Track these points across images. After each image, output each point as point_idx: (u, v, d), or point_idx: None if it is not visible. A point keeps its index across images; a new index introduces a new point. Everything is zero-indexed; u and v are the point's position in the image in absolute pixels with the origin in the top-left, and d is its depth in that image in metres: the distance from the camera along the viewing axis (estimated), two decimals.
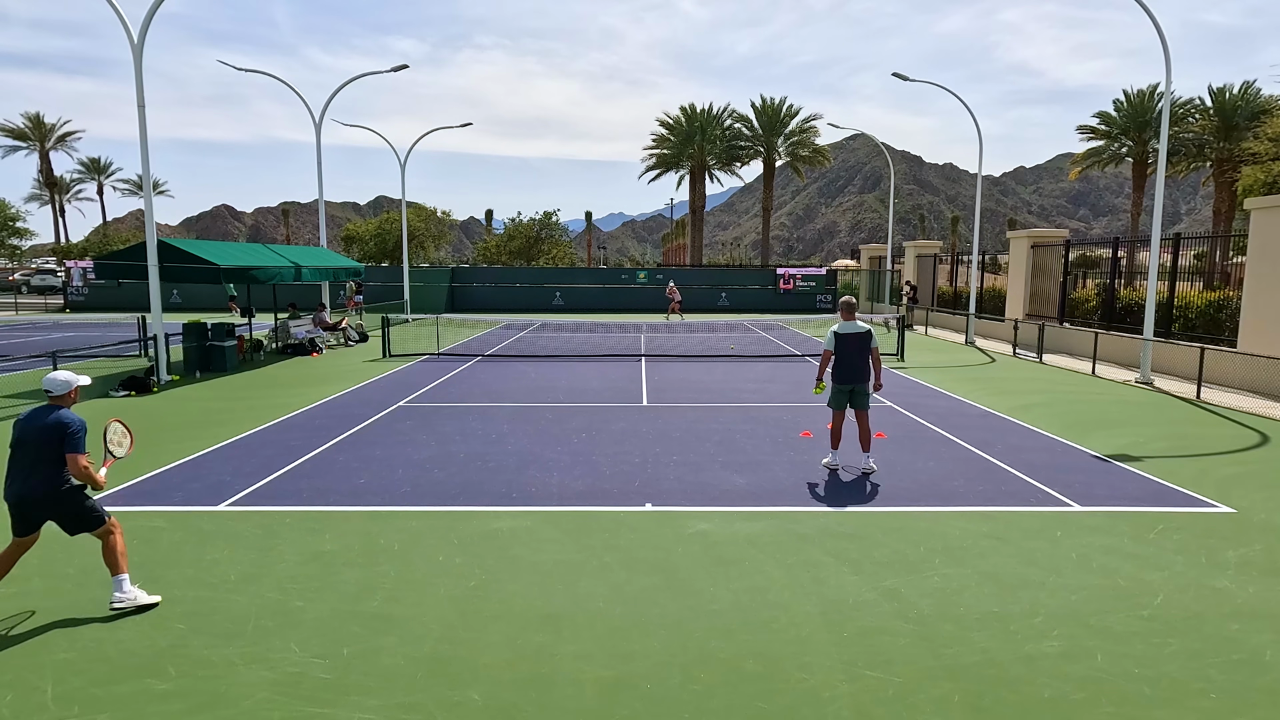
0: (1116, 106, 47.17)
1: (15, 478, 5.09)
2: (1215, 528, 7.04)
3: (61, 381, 5.21)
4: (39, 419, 5.09)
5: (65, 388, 5.22)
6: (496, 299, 39.92)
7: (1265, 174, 27.63)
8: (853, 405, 8.81)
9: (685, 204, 58.52)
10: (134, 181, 73.12)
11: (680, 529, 6.91)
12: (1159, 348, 16.71)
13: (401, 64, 25.87)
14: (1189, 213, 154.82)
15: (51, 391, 5.21)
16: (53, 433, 5.03)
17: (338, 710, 4.12)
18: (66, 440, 5.03)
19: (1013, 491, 8.11)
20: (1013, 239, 25.39)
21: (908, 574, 5.93)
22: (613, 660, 4.65)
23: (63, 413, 5.12)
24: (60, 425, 5.05)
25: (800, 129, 52.62)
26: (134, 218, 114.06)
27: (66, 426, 5.05)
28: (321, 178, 25.47)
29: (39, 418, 5.10)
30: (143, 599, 5.28)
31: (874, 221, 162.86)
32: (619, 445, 10.02)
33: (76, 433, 5.06)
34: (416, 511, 7.38)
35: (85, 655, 4.68)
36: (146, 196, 14.87)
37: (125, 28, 14.36)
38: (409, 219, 42.29)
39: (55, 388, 5.21)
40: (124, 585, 5.24)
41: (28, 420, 5.12)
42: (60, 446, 5.03)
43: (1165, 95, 15.89)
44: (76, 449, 5.04)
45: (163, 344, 15.06)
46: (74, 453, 5.03)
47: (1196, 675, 4.50)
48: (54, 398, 5.21)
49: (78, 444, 5.05)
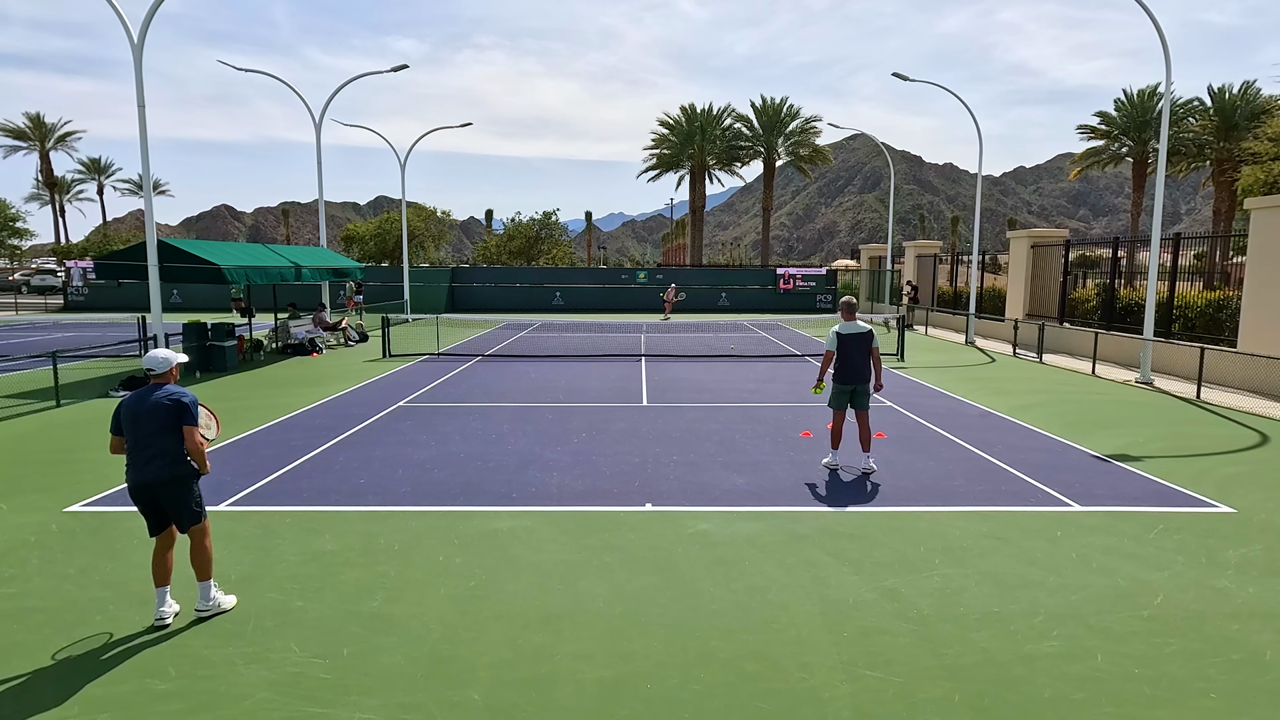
0: (1116, 106, 47.18)
1: (134, 464, 5.02)
2: (1215, 528, 7.04)
3: (162, 359, 5.16)
4: (148, 399, 5.00)
5: (167, 365, 5.16)
6: (496, 299, 39.91)
7: (1265, 174, 27.61)
8: (853, 405, 8.81)
9: (685, 204, 58.53)
10: (134, 181, 73.14)
11: (680, 529, 6.91)
12: (1159, 348, 16.71)
13: (401, 64, 25.88)
14: (1189, 213, 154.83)
15: (154, 370, 5.14)
16: (167, 409, 4.96)
17: (338, 710, 4.12)
18: (183, 413, 4.98)
19: (1013, 491, 8.11)
20: (1013, 239, 25.39)
21: (908, 574, 5.93)
22: (613, 660, 4.65)
23: (169, 387, 5.07)
24: (172, 399, 4.99)
25: (800, 129, 52.62)
26: (134, 218, 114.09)
27: (179, 399, 5.00)
28: (321, 178, 25.46)
29: (147, 397, 5.01)
30: (226, 604, 5.25)
31: (874, 221, 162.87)
32: (619, 445, 10.01)
33: (190, 405, 5.02)
34: (416, 511, 7.37)
35: (85, 655, 4.68)
36: (146, 196, 14.87)
37: (125, 28, 14.36)
38: (409, 219, 42.31)
39: (157, 365, 5.14)
40: (211, 592, 5.18)
41: (136, 403, 5.02)
42: (175, 421, 4.97)
43: (1165, 95, 15.89)
44: (193, 421, 5.00)
45: (163, 344, 15.06)
46: (191, 424, 4.99)
47: (1196, 675, 4.50)
48: (156, 376, 5.14)
49: (193, 416, 5.01)
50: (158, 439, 4.98)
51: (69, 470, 8.78)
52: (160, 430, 4.97)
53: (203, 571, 5.17)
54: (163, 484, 5.01)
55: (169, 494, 5.05)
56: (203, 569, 5.17)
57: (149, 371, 5.16)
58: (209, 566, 5.19)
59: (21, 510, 7.39)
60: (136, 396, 5.06)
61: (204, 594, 5.17)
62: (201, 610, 5.13)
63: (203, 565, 5.17)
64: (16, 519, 7.14)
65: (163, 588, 5.12)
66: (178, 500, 5.08)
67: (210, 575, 5.19)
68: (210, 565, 5.20)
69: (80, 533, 6.77)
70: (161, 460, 4.98)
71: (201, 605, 5.14)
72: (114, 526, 6.92)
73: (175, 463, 5.01)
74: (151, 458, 4.98)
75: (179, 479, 5.04)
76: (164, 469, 4.99)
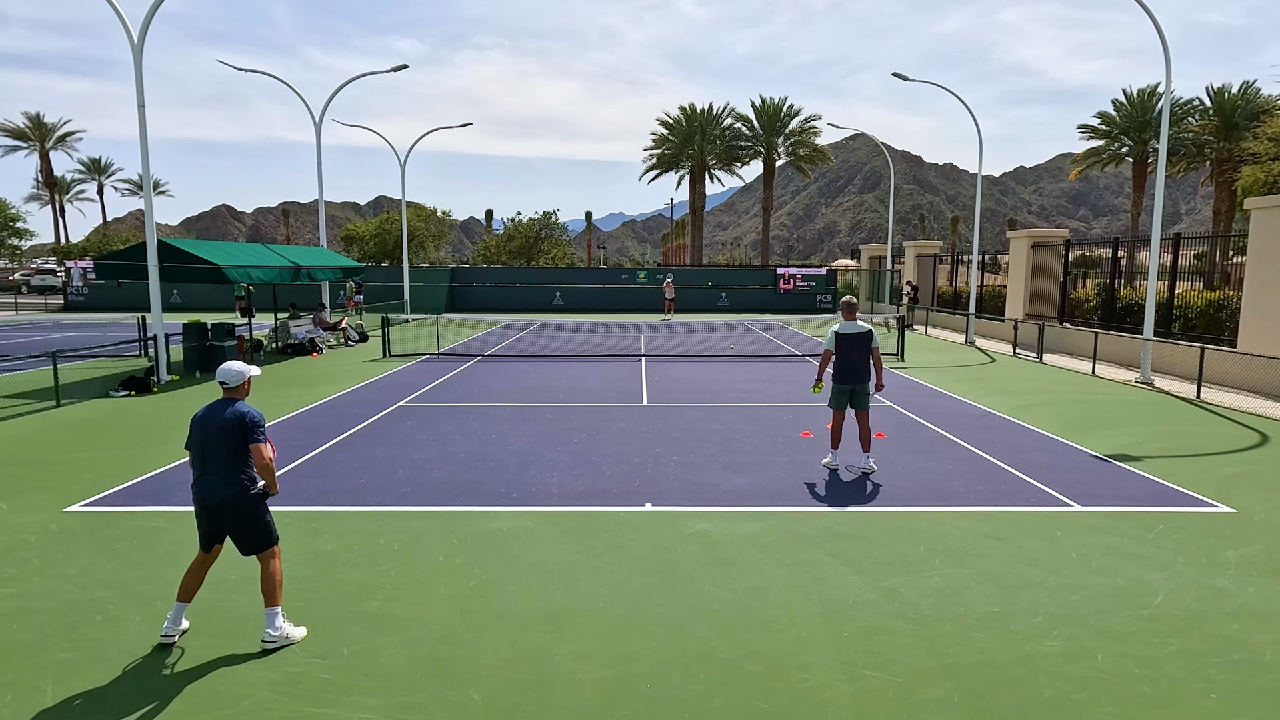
0: (1116, 106, 47.19)
1: (198, 482, 4.85)
2: (1215, 528, 7.04)
3: (235, 372, 4.97)
4: (218, 414, 4.82)
5: (240, 378, 4.97)
6: (496, 299, 39.92)
7: (1265, 174, 27.62)
8: (853, 405, 8.81)
9: (685, 204, 58.54)
10: (134, 181, 73.15)
11: (680, 529, 6.91)
12: (1159, 348, 16.72)
13: (401, 64, 25.88)
14: (1189, 213, 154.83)
15: (226, 383, 4.96)
16: (234, 426, 4.78)
17: (338, 710, 4.12)
18: (249, 431, 4.78)
19: (1013, 491, 8.11)
20: (1013, 239, 25.39)
21: (908, 574, 5.93)
22: (613, 660, 4.65)
23: (239, 404, 4.88)
24: (240, 417, 4.80)
25: (800, 129, 52.63)
26: (134, 218, 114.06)
27: (245, 416, 4.80)
28: (321, 178, 25.47)
29: (218, 413, 4.83)
30: (295, 636, 4.86)
31: (874, 221, 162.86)
32: (619, 445, 10.02)
33: (259, 423, 4.83)
34: (416, 511, 7.37)
35: (85, 655, 4.68)
36: (146, 196, 14.87)
37: (125, 28, 14.36)
38: (409, 219, 42.31)
39: (230, 378, 4.95)
40: (277, 621, 4.82)
41: (206, 418, 4.85)
42: (242, 440, 4.78)
43: (1165, 95, 15.90)
44: (260, 439, 4.80)
45: (163, 344, 15.06)
46: (258, 443, 4.79)
47: (1196, 675, 4.50)
48: (229, 389, 4.96)
49: (260, 434, 4.81)
50: (223, 458, 4.79)
51: (69, 470, 8.78)
52: (226, 449, 4.78)
53: (270, 597, 4.84)
54: (228, 508, 4.81)
55: (234, 519, 4.84)
56: (270, 595, 4.84)
57: (221, 384, 4.99)
58: (277, 593, 4.86)
59: (21, 510, 7.39)
60: (206, 411, 4.90)
61: (270, 621, 4.81)
62: (269, 642, 4.75)
63: (270, 591, 4.84)
64: (16, 519, 7.14)
65: (183, 603, 4.90)
66: (244, 525, 4.86)
67: (279, 602, 4.86)
68: (279, 592, 4.87)
69: (80, 533, 6.77)
70: (225, 480, 4.78)
71: (269, 635, 4.77)
72: (114, 526, 6.92)
73: (240, 484, 4.81)
74: (216, 478, 4.79)
75: (244, 502, 4.82)
76: (228, 490, 4.79)
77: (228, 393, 4.98)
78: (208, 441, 4.81)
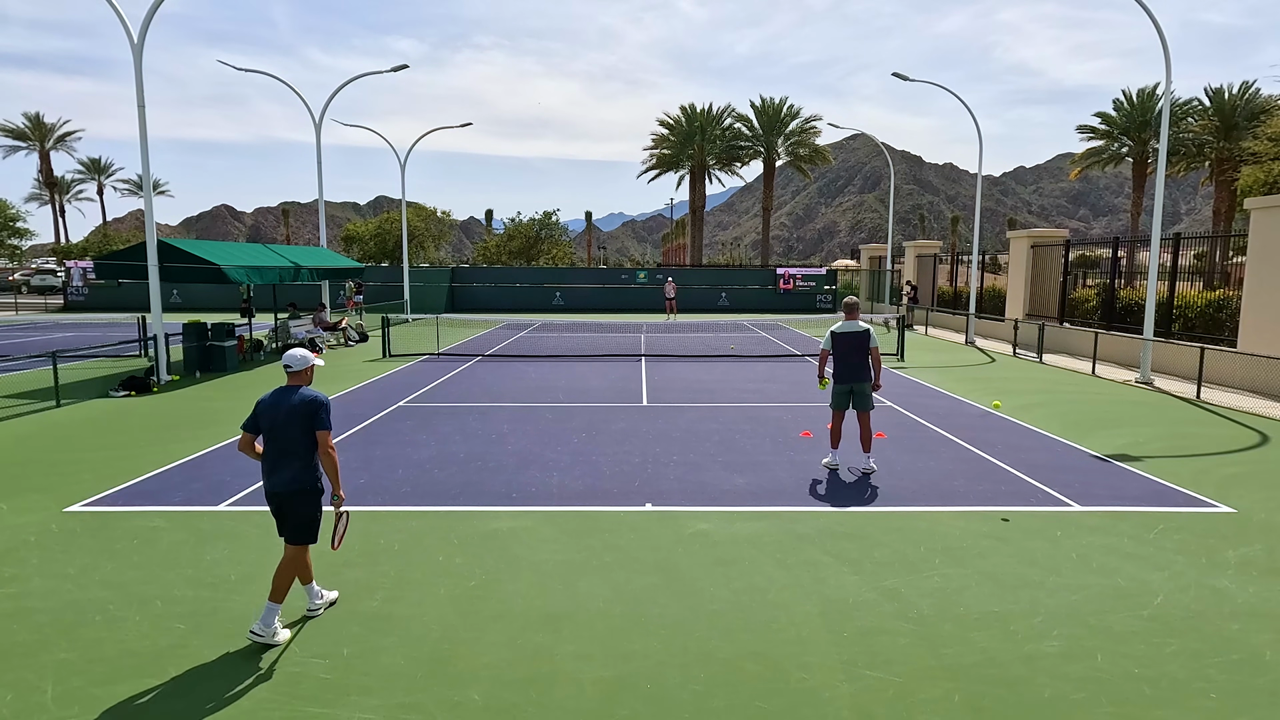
0: (1116, 106, 47.18)
1: (265, 468, 4.89)
2: (1215, 528, 7.04)
3: (300, 357, 4.98)
4: (286, 399, 4.83)
5: (304, 363, 4.99)
6: (496, 299, 39.92)
7: (1265, 174, 27.61)
8: (853, 405, 8.81)
9: (685, 204, 58.53)
10: (134, 181, 73.13)
11: (680, 529, 6.91)
12: (1159, 348, 16.71)
13: (401, 64, 25.88)
14: (1189, 213, 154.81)
15: (291, 367, 4.96)
16: (303, 410, 4.79)
17: (338, 710, 4.12)
18: (316, 417, 4.79)
19: (1013, 491, 8.11)
20: (1013, 239, 25.39)
21: (908, 574, 5.93)
22: (613, 660, 4.65)
23: (305, 390, 4.88)
24: (306, 402, 4.80)
25: (800, 129, 52.62)
26: (134, 218, 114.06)
27: (315, 399, 4.81)
28: (321, 178, 25.47)
29: (286, 398, 4.83)
30: (281, 638, 4.81)
31: (874, 221, 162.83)
32: (619, 445, 10.01)
33: (325, 408, 4.83)
34: (416, 511, 7.37)
35: (85, 655, 4.68)
36: (146, 196, 14.87)
37: (125, 28, 14.36)
38: (409, 219, 42.31)
39: (295, 363, 4.96)
40: (274, 618, 4.79)
41: (273, 404, 4.84)
42: (308, 425, 4.79)
43: (1165, 95, 15.89)
44: (325, 426, 4.80)
45: (163, 344, 15.06)
46: (323, 429, 4.80)
47: (1196, 675, 4.50)
48: (293, 374, 4.97)
49: (326, 421, 4.81)
50: (289, 443, 4.79)
51: (69, 470, 8.78)
52: (294, 433, 4.79)
53: (278, 593, 4.84)
54: (290, 494, 4.84)
55: (292, 504, 4.87)
56: (279, 589, 4.85)
57: (286, 368, 5.00)
58: (285, 591, 4.87)
59: (21, 510, 7.39)
60: (274, 396, 4.87)
61: (266, 618, 4.78)
62: (256, 634, 4.75)
63: (281, 585, 4.86)
64: (16, 519, 7.14)
65: (307, 584, 5.11)
66: (298, 511, 4.89)
67: (283, 599, 4.85)
68: (286, 591, 4.87)
69: (80, 533, 6.77)
70: (291, 467, 4.81)
71: (258, 629, 4.77)
72: (114, 526, 6.92)
73: (305, 470, 4.82)
74: (282, 462, 4.81)
75: (306, 489, 4.85)
76: (292, 477, 4.81)
77: (292, 378, 4.99)
78: (275, 425, 4.81)
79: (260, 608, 5.00)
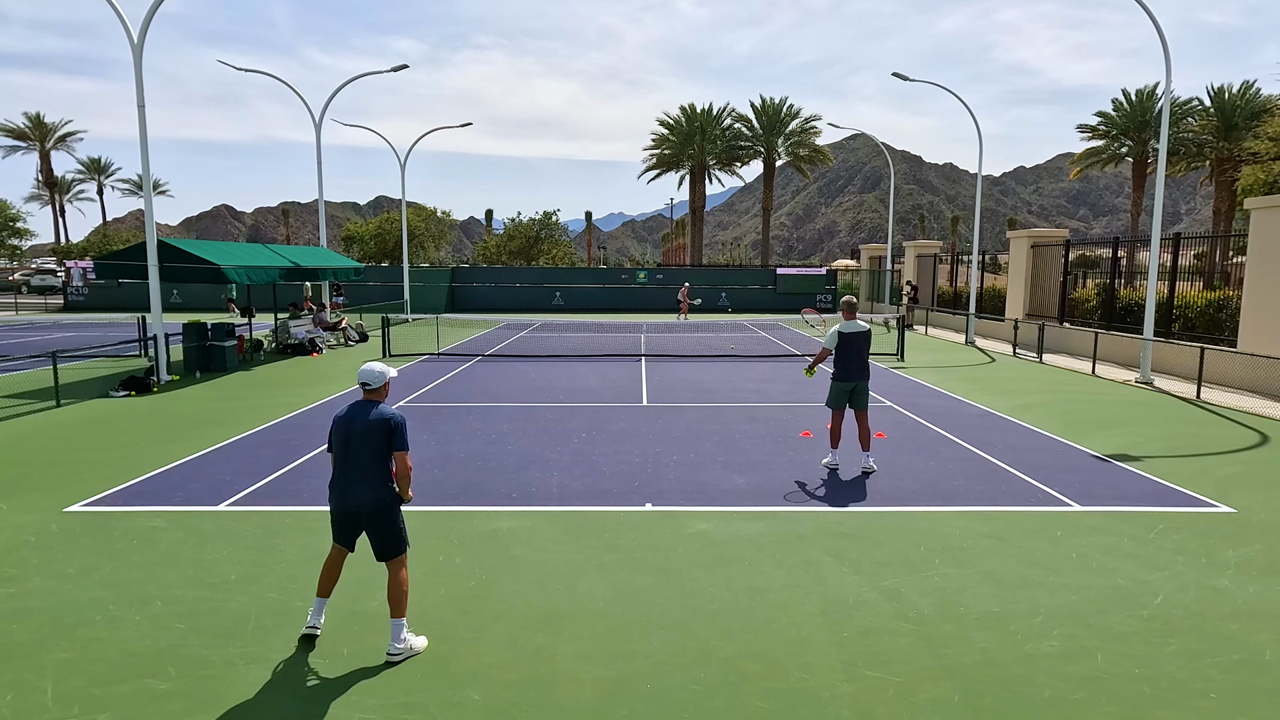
0: (1116, 106, 47.19)
1: (339, 484, 4.76)
2: (1215, 528, 7.04)
3: (377, 373, 4.85)
4: (362, 416, 4.72)
5: (381, 379, 4.85)
6: (496, 299, 39.91)
7: (1265, 174, 27.61)
8: (853, 405, 8.82)
9: (685, 204, 58.54)
10: (134, 181, 73.14)
11: (680, 529, 6.91)
12: (1159, 347, 16.71)
13: (401, 64, 25.89)
14: (1189, 213, 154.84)
15: (369, 384, 4.83)
16: (378, 430, 4.68)
17: (338, 710, 4.12)
18: (394, 436, 4.69)
19: (1013, 491, 8.11)
20: (1013, 239, 25.39)
21: (908, 574, 5.93)
22: (613, 660, 4.65)
23: (383, 407, 4.77)
24: (385, 421, 4.69)
25: (800, 129, 52.63)
26: (134, 218, 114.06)
27: (391, 420, 4.70)
28: (321, 178, 25.47)
29: (362, 414, 4.72)
30: (418, 647, 4.74)
31: (874, 221, 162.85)
32: (619, 445, 10.01)
33: (401, 427, 4.73)
34: (416, 511, 7.36)
35: (85, 655, 4.68)
36: (146, 196, 14.87)
37: (125, 28, 14.36)
38: (409, 219, 42.31)
39: (372, 379, 4.83)
40: (402, 633, 4.68)
41: (350, 419, 4.75)
42: (386, 444, 4.69)
43: (1165, 95, 15.90)
44: (403, 445, 4.71)
45: (163, 344, 15.06)
46: (401, 449, 4.70)
47: (1196, 675, 4.50)
48: (370, 390, 4.84)
49: (404, 440, 4.72)
50: (365, 461, 4.69)
51: (69, 470, 8.78)
52: (370, 452, 4.69)
53: (397, 607, 4.72)
54: (369, 511, 4.72)
55: (372, 522, 4.76)
56: (397, 604, 4.72)
57: (363, 385, 4.86)
58: (404, 602, 4.74)
59: (21, 510, 7.39)
60: (349, 413, 4.79)
61: (395, 634, 4.67)
62: (393, 655, 4.62)
63: (397, 600, 4.72)
64: (16, 519, 7.14)
65: (323, 598, 4.91)
66: (380, 527, 4.76)
67: (404, 613, 4.73)
68: (405, 601, 4.75)
69: (80, 533, 6.77)
70: (367, 484, 4.69)
71: (393, 648, 4.64)
72: (114, 526, 6.92)
73: (381, 487, 4.71)
74: (357, 480, 4.70)
75: (385, 506, 4.73)
76: (369, 493, 4.69)
77: (369, 394, 4.86)
78: (350, 443, 4.72)
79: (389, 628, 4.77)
